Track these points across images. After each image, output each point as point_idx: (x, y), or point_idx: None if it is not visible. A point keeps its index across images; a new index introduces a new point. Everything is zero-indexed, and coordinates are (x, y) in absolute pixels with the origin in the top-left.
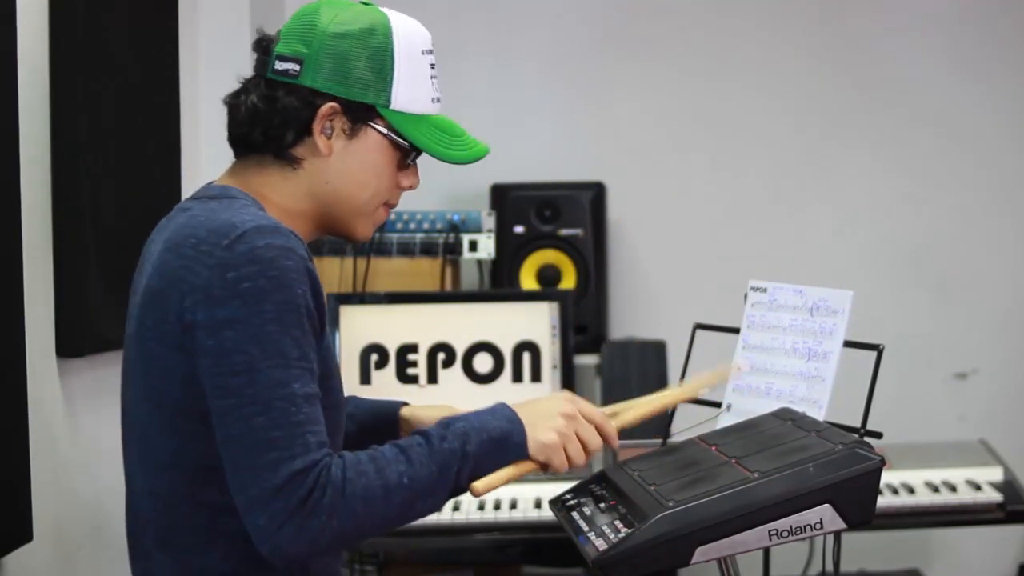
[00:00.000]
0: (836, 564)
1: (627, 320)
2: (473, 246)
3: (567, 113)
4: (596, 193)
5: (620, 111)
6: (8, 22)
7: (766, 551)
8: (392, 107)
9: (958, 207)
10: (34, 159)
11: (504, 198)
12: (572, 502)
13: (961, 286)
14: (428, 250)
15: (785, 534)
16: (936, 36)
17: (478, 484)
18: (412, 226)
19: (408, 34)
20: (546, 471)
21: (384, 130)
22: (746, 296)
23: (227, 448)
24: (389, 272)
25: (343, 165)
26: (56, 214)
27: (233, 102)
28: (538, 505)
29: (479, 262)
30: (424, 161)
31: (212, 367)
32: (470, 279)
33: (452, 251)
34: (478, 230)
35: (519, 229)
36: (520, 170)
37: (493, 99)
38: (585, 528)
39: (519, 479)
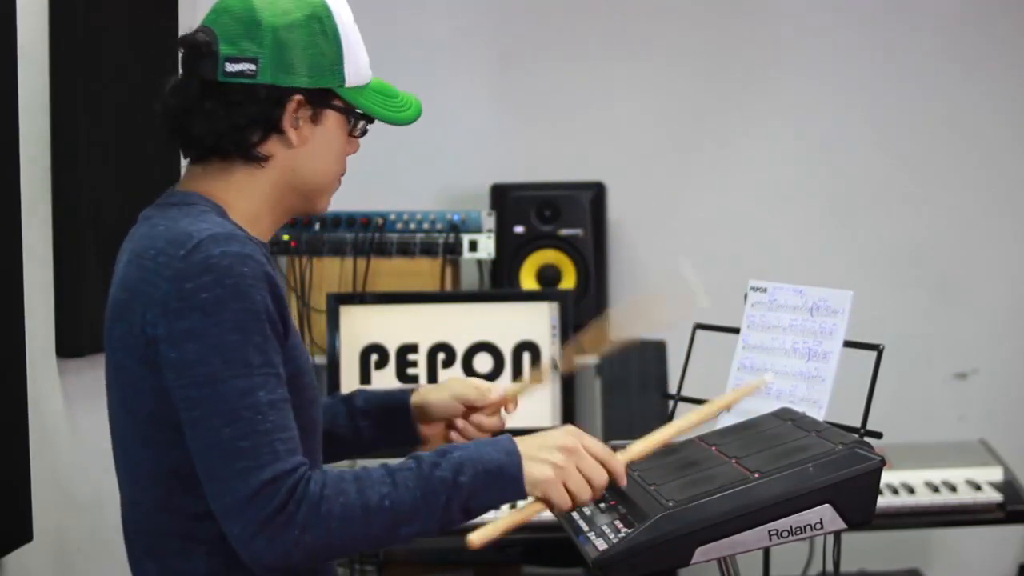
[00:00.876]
0: (836, 564)
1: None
2: (473, 246)
3: (567, 113)
4: (596, 193)
5: (620, 111)
6: (8, 22)
7: (766, 551)
8: (346, 85)
9: (958, 207)
10: (34, 159)
11: (504, 198)
12: None
13: (961, 286)
14: (428, 250)
15: (785, 534)
16: (937, 36)
17: (474, 537)
18: (412, 226)
19: (341, 9)
20: (553, 510)
21: (343, 107)
22: (746, 296)
23: (199, 458)
24: (389, 272)
25: (310, 151)
26: (56, 214)
27: (183, 110)
28: None
29: (479, 262)
30: (423, 162)
31: (176, 380)
32: (470, 279)
33: (452, 251)
34: (478, 230)
35: (519, 229)
36: (520, 170)
37: (493, 99)
38: (585, 528)
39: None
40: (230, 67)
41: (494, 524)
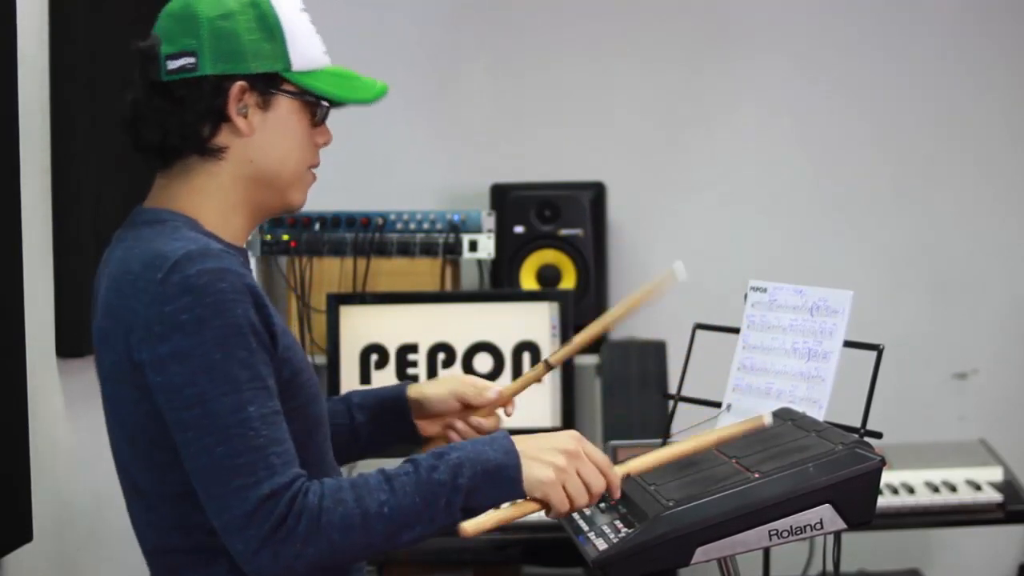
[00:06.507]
0: (836, 564)
1: (627, 320)
2: (473, 246)
3: (567, 113)
4: (596, 193)
5: (620, 111)
6: (8, 22)
7: (766, 551)
8: (293, 69)
9: (958, 207)
10: (34, 160)
11: (504, 198)
12: None
13: (961, 286)
14: (428, 250)
15: (785, 534)
16: (937, 35)
17: (467, 525)
18: (412, 226)
19: None
20: (548, 512)
21: (294, 92)
22: (746, 296)
23: (196, 478)
24: (389, 272)
25: (264, 139)
26: (56, 214)
27: (134, 114)
28: None
29: (479, 262)
30: (423, 162)
31: (166, 403)
32: (470, 279)
33: (452, 251)
34: (478, 230)
35: (519, 229)
36: (520, 170)
37: (493, 99)
38: (585, 528)
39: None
40: (171, 64)
41: (488, 515)
